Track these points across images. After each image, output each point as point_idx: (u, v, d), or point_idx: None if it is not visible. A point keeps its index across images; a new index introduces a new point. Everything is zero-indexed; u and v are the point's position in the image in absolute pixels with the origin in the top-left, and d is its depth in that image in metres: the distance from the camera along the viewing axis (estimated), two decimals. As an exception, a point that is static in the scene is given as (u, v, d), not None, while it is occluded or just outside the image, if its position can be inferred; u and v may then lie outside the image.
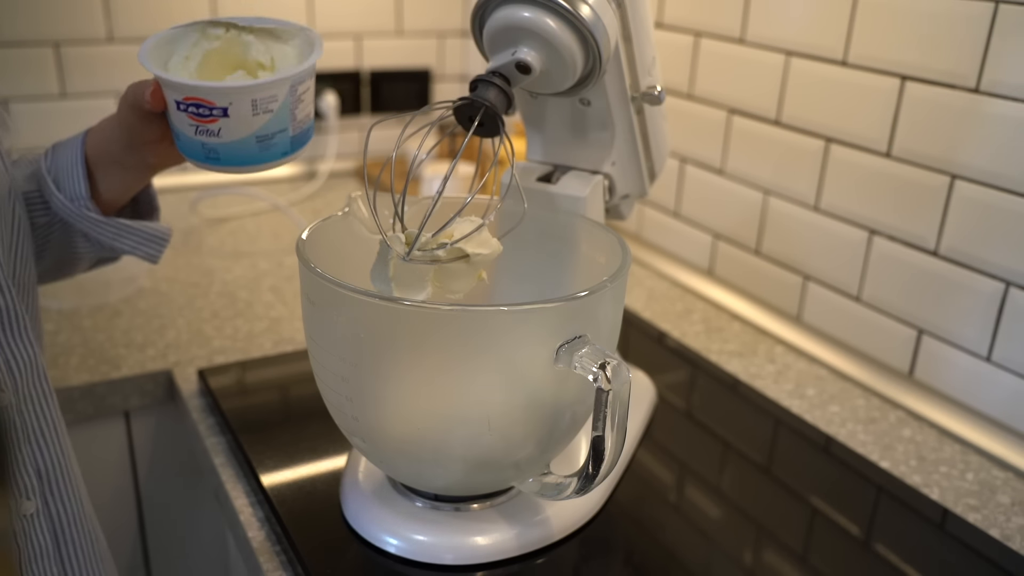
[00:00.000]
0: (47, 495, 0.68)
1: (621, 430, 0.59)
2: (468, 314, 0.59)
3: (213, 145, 0.64)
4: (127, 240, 0.75)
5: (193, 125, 0.64)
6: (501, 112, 0.65)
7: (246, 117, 0.63)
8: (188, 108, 0.63)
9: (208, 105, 0.62)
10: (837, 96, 1.00)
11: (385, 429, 0.64)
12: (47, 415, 0.68)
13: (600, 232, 0.72)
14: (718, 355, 1.05)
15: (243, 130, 0.63)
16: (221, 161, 0.65)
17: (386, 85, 1.59)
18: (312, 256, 0.62)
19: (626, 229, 1.38)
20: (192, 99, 0.62)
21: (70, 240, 0.76)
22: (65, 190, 0.72)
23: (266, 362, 0.97)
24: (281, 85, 0.63)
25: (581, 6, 0.65)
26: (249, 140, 0.64)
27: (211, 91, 0.62)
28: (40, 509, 0.67)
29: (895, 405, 0.96)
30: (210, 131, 0.63)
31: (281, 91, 0.63)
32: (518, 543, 0.68)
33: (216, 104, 0.62)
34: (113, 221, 0.74)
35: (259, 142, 0.65)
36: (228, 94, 0.62)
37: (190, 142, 0.65)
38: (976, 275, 0.89)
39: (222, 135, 0.63)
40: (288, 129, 0.66)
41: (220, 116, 0.62)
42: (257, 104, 0.63)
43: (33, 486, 0.67)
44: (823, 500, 0.79)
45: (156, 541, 1.04)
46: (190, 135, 0.64)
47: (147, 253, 0.77)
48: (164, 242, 0.78)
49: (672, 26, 1.21)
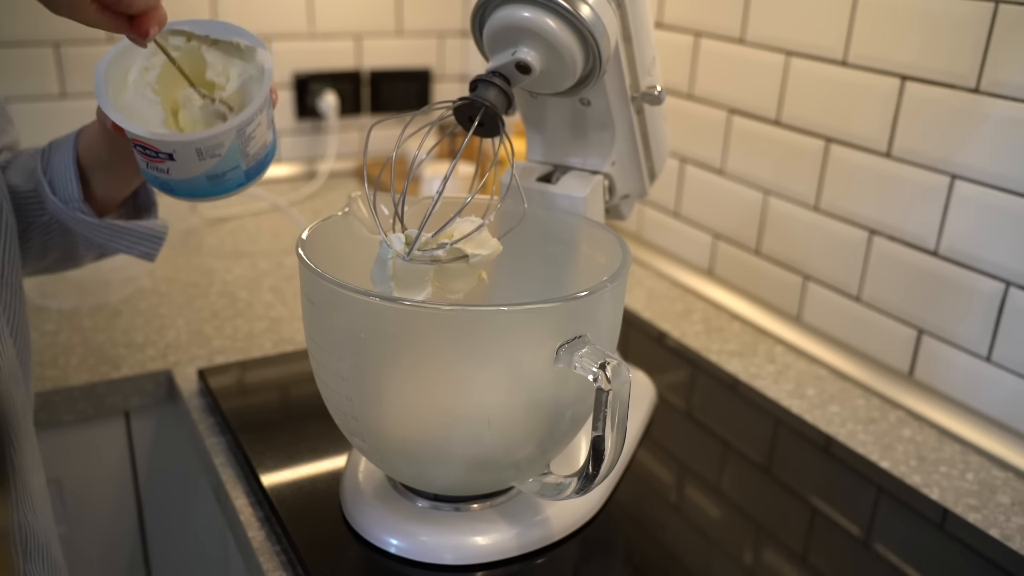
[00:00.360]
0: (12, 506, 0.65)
1: (621, 430, 0.59)
2: (468, 314, 0.59)
3: (165, 180, 0.64)
4: (122, 240, 0.75)
5: (143, 160, 0.64)
6: (501, 112, 0.65)
7: (192, 161, 0.62)
8: (136, 147, 0.63)
9: (153, 149, 0.62)
10: (837, 96, 1.00)
11: (385, 429, 0.64)
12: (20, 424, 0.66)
13: (600, 232, 0.72)
14: (718, 355, 1.05)
15: (191, 171, 0.63)
16: (175, 193, 0.65)
17: (386, 85, 1.59)
18: (312, 256, 0.62)
19: (626, 229, 1.38)
20: (137, 141, 0.62)
21: (70, 238, 0.76)
22: (59, 192, 0.72)
23: (266, 362, 0.97)
24: (226, 135, 0.62)
25: (581, 6, 0.65)
26: (199, 179, 0.64)
27: (152, 140, 0.61)
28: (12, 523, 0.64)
29: (895, 405, 0.96)
30: (160, 169, 0.63)
31: (227, 138, 0.62)
32: (518, 543, 0.68)
33: (160, 150, 0.61)
34: (107, 223, 0.73)
35: (210, 180, 0.64)
36: (169, 144, 0.61)
37: (146, 172, 0.65)
38: (976, 275, 0.89)
39: (171, 174, 0.63)
40: (240, 165, 0.65)
41: (167, 159, 0.62)
42: (203, 152, 0.62)
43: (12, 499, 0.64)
44: (823, 500, 0.79)
45: (156, 541, 1.04)
46: (144, 168, 0.65)
47: (143, 252, 0.77)
48: (160, 240, 0.78)
49: (672, 26, 1.21)
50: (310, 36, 1.51)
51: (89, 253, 0.79)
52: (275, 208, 1.44)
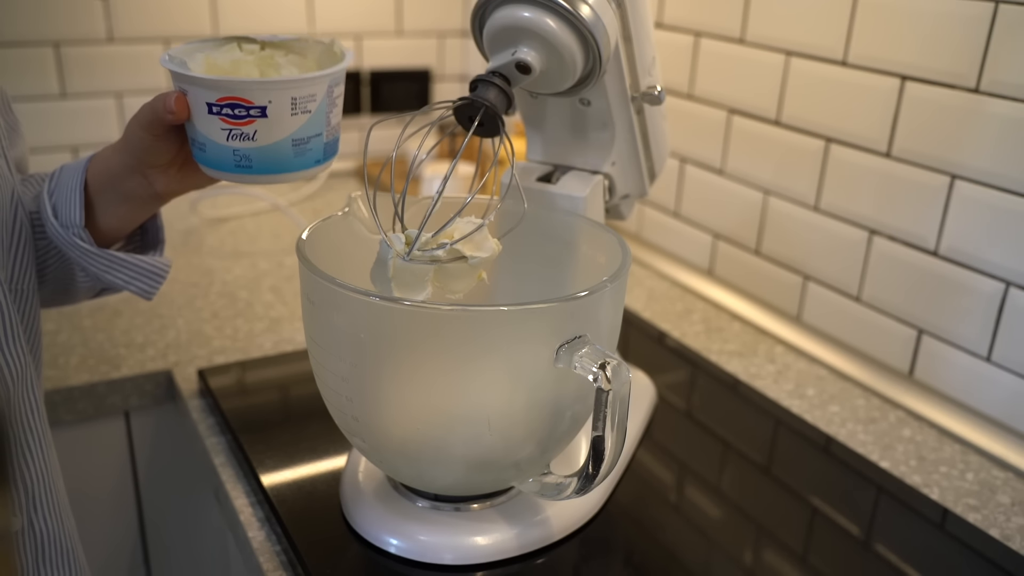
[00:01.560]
0: (31, 512, 0.65)
1: (621, 430, 0.59)
2: (468, 314, 0.59)
3: (246, 151, 0.61)
4: (120, 273, 0.71)
5: (226, 130, 0.60)
6: (501, 112, 0.65)
7: (284, 117, 0.60)
8: (223, 110, 0.60)
9: (246, 104, 0.59)
10: (837, 96, 1.00)
11: (385, 429, 0.64)
12: (35, 429, 0.66)
13: (600, 232, 0.72)
14: (718, 355, 1.05)
15: (280, 132, 0.61)
16: (253, 169, 0.62)
17: (386, 85, 1.59)
18: (312, 256, 0.62)
19: (626, 229, 1.38)
20: (229, 99, 0.59)
21: (68, 268, 0.73)
22: (61, 216, 0.69)
23: (266, 362, 0.97)
24: (320, 83, 0.61)
25: (581, 6, 0.65)
26: (285, 143, 0.61)
27: (251, 87, 0.59)
28: (25, 526, 0.65)
29: (895, 405, 0.96)
30: (244, 135, 0.60)
31: (320, 89, 0.61)
32: (518, 543, 0.68)
33: (255, 103, 0.59)
34: (105, 253, 0.70)
35: (295, 146, 0.62)
36: (269, 90, 0.59)
37: (219, 151, 0.62)
38: (976, 275, 0.89)
39: (257, 138, 0.61)
40: (323, 134, 0.63)
41: (257, 116, 0.60)
42: (296, 103, 0.60)
43: (19, 502, 0.64)
44: (823, 500, 0.79)
45: (156, 541, 1.04)
46: (220, 142, 0.61)
47: (140, 288, 0.73)
48: (160, 277, 0.73)
49: (672, 26, 1.21)
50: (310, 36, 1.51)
51: (85, 286, 0.76)
52: (275, 208, 1.44)
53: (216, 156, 0.62)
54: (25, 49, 1.30)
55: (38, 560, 0.67)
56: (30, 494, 0.65)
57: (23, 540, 0.65)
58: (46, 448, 0.68)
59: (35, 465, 0.66)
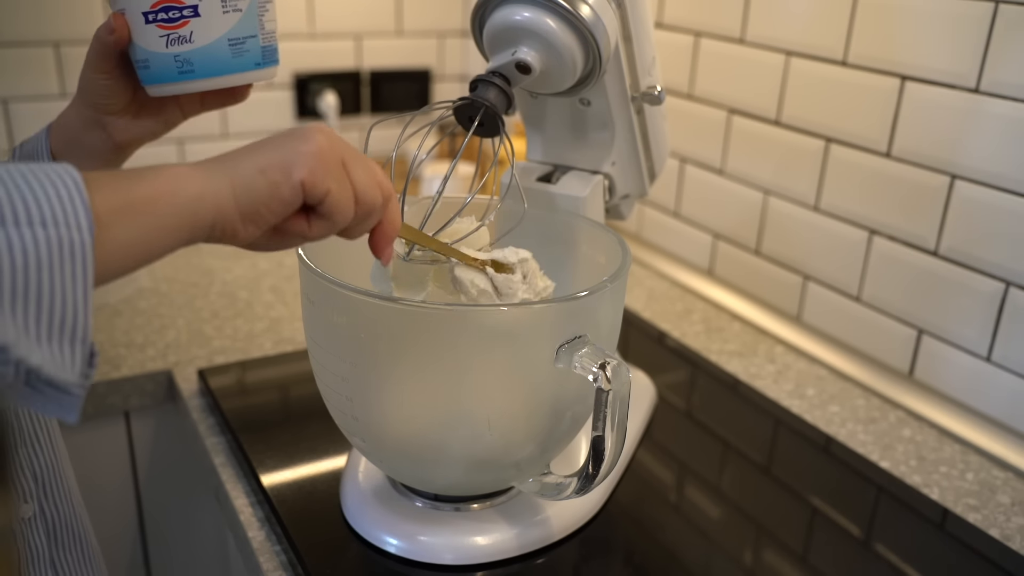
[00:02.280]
0: (42, 498, 0.68)
1: (621, 430, 0.59)
2: (468, 314, 0.59)
3: (186, 55, 0.64)
4: None
5: (164, 35, 0.63)
6: (501, 112, 0.65)
7: (216, 15, 0.63)
8: (158, 16, 0.63)
9: (178, 5, 0.62)
10: (837, 96, 1.00)
11: (385, 429, 0.64)
12: (43, 420, 0.68)
13: (600, 232, 0.72)
14: (718, 355, 1.05)
15: (215, 30, 0.64)
16: (196, 73, 0.65)
17: (386, 85, 1.59)
18: (312, 256, 0.62)
19: (626, 229, 1.38)
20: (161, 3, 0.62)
21: None
22: None
23: (266, 362, 0.97)
24: None
25: (581, 6, 0.65)
26: (222, 43, 0.64)
27: None
28: (36, 512, 0.67)
29: (895, 405, 0.96)
30: (181, 37, 0.63)
31: None
32: (518, 543, 0.68)
33: (186, 2, 0.62)
34: None
35: (232, 46, 0.65)
36: None
37: (161, 61, 0.64)
38: (976, 275, 0.89)
39: (194, 39, 0.63)
40: (257, 36, 0.66)
41: (191, 16, 0.63)
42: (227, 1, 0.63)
43: (30, 489, 0.67)
44: (823, 500, 0.79)
45: (156, 541, 1.04)
46: (160, 50, 0.64)
47: None
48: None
49: (672, 26, 1.21)
50: (310, 36, 1.51)
51: None
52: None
53: (159, 68, 0.65)
54: (25, 49, 1.30)
55: (51, 544, 0.69)
56: (40, 482, 0.68)
57: (36, 526, 0.67)
58: (55, 437, 0.70)
59: (44, 454, 0.68)
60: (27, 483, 0.66)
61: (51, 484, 0.69)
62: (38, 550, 0.67)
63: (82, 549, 0.72)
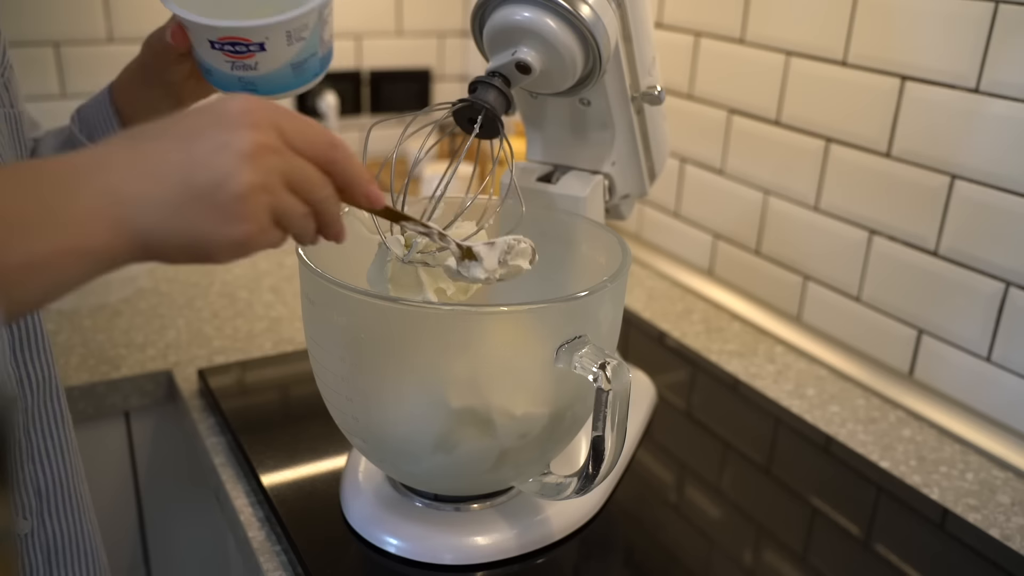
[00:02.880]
0: (44, 515, 0.67)
1: (621, 430, 0.59)
2: (468, 314, 0.59)
3: (250, 78, 0.65)
4: None
5: (229, 62, 0.65)
6: (500, 114, 0.65)
7: (281, 48, 0.64)
8: (224, 47, 0.64)
9: (244, 42, 0.63)
10: (837, 96, 1.00)
11: (385, 429, 0.64)
12: (56, 436, 0.67)
13: (600, 232, 0.72)
14: (718, 355, 1.05)
15: (279, 60, 0.65)
16: (258, 91, 0.66)
17: (386, 85, 1.59)
18: (312, 256, 0.62)
19: (626, 229, 1.38)
20: (228, 39, 0.63)
21: None
22: None
23: (266, 362, 0.97)
24: (311, 14, 0.65)
25: (581, 6, 0.65)
26: (285, 69, 0.66)
27: (248, 31, 0.63)
28: (35, 529, 0.66)
29: (895, 405, 0.96)
30: (247, 66, 0.65)
31: (311, 19, 0.65)
32: (518, 543, 0.68)
33: (252, 40, 0.63)
34: None
35: (294, 69, 0.66)
36: (264, 31, 0.63)
37: (225, 77, 0.66)
38: (976, 275, 0.89)
39: (259, 67, 0.65)
40: (318, 52, 0.67)
41: (257, 51, 0.64)
42: (291, 35, 0.64)
43: (31, 505, 0.66)
44: (823, 500, 0.79)
45: (156, 541, 1.04)
46: (226, 71, 0.66)
47: None
48: None
49: (672, 26, 1.21)
50: (310, 36, 1.51)
51: None
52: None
53: (222, 80, 0.67)
54: (25, 49, 1.30)
55: (49, 561, 0.67)
56: (44, 498, 0.67)
57: (32, 542, 0.66)
58: (69, 454, 0.69)
59: (51, 470, 0.67)
60: (29, 499, 0.65)
61: (57, 501, 0.67)
62: (32, 568, 0.66)
63: (86, 567, 0.70)
